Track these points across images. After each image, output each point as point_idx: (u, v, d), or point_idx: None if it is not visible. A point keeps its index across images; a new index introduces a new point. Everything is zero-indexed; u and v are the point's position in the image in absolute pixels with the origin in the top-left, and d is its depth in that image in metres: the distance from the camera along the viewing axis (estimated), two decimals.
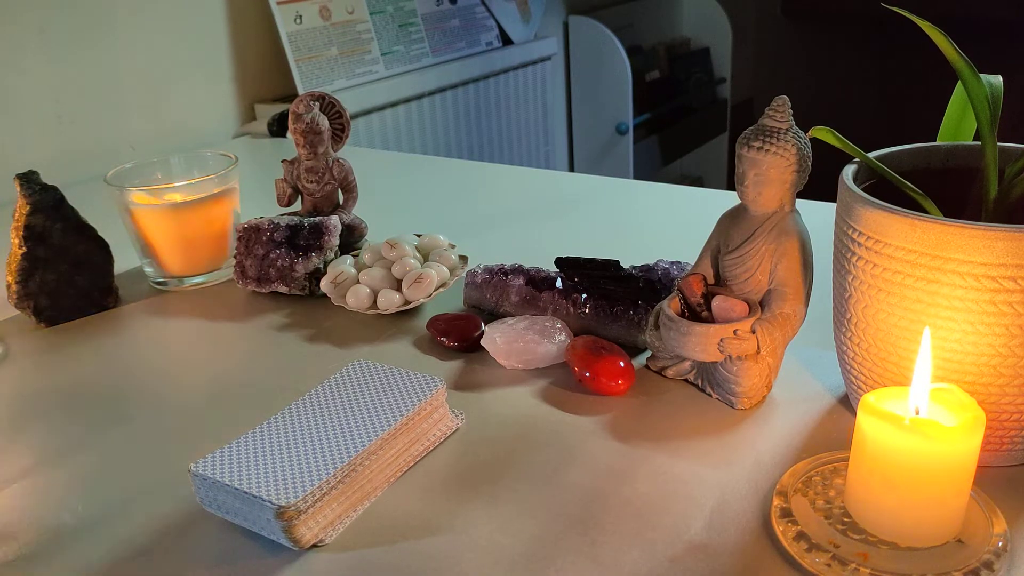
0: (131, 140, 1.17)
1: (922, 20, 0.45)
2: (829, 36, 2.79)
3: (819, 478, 0.44)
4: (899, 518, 0.39)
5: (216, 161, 0.79)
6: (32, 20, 1.05)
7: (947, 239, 0.41)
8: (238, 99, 1.31)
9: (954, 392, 0.40)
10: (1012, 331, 0.41)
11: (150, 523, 0.46)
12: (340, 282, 0.68)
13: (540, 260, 0.67)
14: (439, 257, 0.69)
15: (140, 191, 0.73)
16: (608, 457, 0.49)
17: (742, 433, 0.50)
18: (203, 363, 0.64)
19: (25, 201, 0.68)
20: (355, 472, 0.45)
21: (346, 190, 0.78)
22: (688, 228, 0.65)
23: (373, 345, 0.63)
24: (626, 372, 0.54)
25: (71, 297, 0.70)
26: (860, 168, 0.49)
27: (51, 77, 1.08)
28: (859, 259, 0.45)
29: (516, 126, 1.82)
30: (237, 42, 1.29)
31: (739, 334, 0.51)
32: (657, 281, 0.61)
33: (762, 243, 0.51)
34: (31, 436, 0.55)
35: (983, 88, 0.46)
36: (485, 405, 0.55)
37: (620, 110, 2.00)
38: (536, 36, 1.82)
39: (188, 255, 0.74)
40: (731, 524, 0.43)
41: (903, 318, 0.44)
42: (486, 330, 0.60)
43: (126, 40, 1.15)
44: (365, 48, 1.43)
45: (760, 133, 0.49)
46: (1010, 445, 0.45)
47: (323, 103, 0.78)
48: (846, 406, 0.52)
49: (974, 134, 0.51)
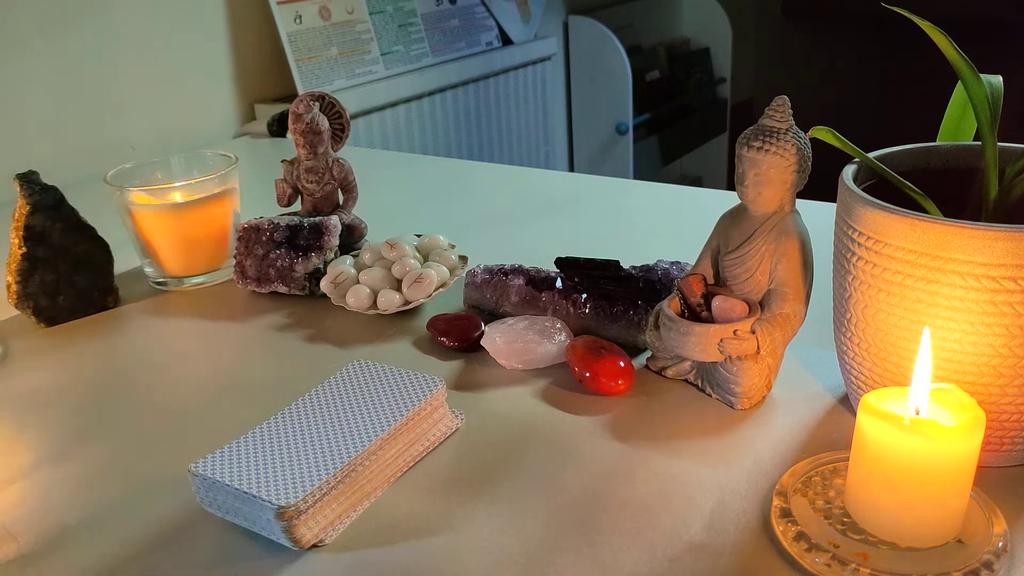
0: (131, 140, 1.17)
1: (922, 20, 0.45)
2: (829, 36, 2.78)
3: (819, 478, 0.44)
4: (899, 518, 0.39)
5: (216, 161, 0.79)
6: (32, 20, 1.05)
7: (947, 239, 0.41)
8: (238, 99, 1.31)
9: (954, 392, 0.40)
10: (1012, 331, 0.41)
11: (150, 523, 0.46)
12: (340, 282, 0.68)
13: (540, 260, 0.66)
14: (439, 257, 0.69)
15: (140, 191, 0.73)
16: (608, 457, 0.49)
17: (742, 433, 0.50)
18: (203, 363, 0.64)
19: (25, 201, 0.68)
20: (355, 472, 0.45)
21: (346, 190, 0.78)
22: (688, 228, 0.65)
23: (373, 345, 0.63)
24: (626, 372, 0.54)
25: (71, 297, 0.70)
26: (860, 168, 0.49)
27: (51, 77, 1.08)
28: (859, 259, 0.45)
29: (516, 126, 1.82)
30: (237, 42, 1.29)
31: (739, 334, 0.51)
32: (657, 281, 0.61)
33: (762, 243, 0.51)
34: (31, 436, 0.55)
35: (983, 88, 0.46)
36: (485, 405, 0.55)
37: (620, 110, 2.00)
38: (536, 36, 1.82)
39: (188, 255, 0.74)
40: (731, 524, 0.43)
41: (903, 318, 0.44)
42: (486, 330, 0.60)
43: (126, 40, 1.15)
44: (365, 48, 1.43)
45: (760, 133, 0.49)
46: (1010, 445, 0.45)
47: (323, 103, 0.78)
48: (846, 406, 0.52)
49: (974, 134, 0.51)
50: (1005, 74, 0.48)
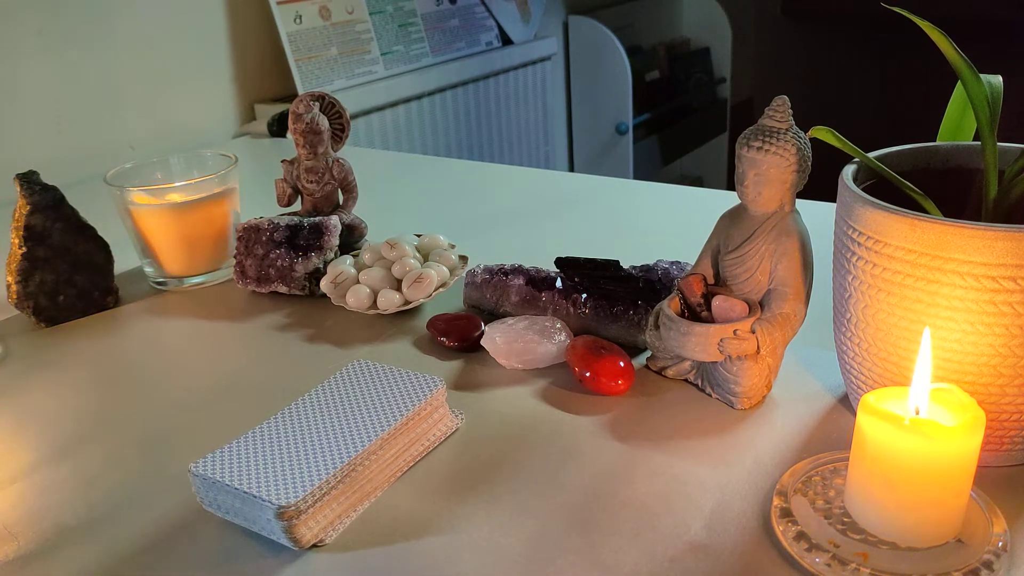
0: (131, 140, 1.18)
1: (922, 20, 0.45)
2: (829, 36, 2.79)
3: (819, 478, 0.44)
4: (899, 518, 0.39)
5: (216, 161, 0.79)
6: (31, 21, 1.05)
7: (947, 239, 0.41)
8: (238, 99, 1.31)
9: (954, 392, 0.40)
10: (1012, 331, 0.41)
11: (150, 523, 0.46)
12: (340, 282, 0.68)
13: (540, 260, 0.67)
14: (439, 257, 0.69)
15: (140, 191, 0.73)
16: (608, 457, 0.49)
17: (742, 433, 0.50)
18: (203, 363, 0.64)
19: (25, 201, 0.68)
20: (355, 472, 0.45)
21: (346, 190, 0.78)
22: (688, 228, 0.65)
23: (373, 345, 0.63)
24: (626, 372, 0.54)
25: (71, 297, 0.70)
26: (860, 168, 0.49)
27: (50, 77, 1.08)
28: (859, 259, 0.45)
29: (516, 126, 1.82)
30: (237, 42, 1.29)
31: (739, 334, 0.51)
32: (657, 281, 0.61)
33: (762, 243, 0.51)
34: (31, 436, 0.55)
35: (983, 88, 0.46)
36: (485, 405, 0.55)
37: (620, 110, 2.00)
38: (536, 36, 1.82)
39: (188, 255, 0.74)
40: (731, 524, 0.43)
41: (903, 318, 0.44)
42: (486, 330, 0.60)
43: (126, 40, 1.15)
44: (365, 48, 1.43)
45: (760, 133, 0.49)
46: (1010, 445, 0.45)
47: (323, 103, 0.78)
48: (846, 406, 0.52)
49: (974, 134, 0.51)
50: (1005, 74, 0.48)
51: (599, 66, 1.99)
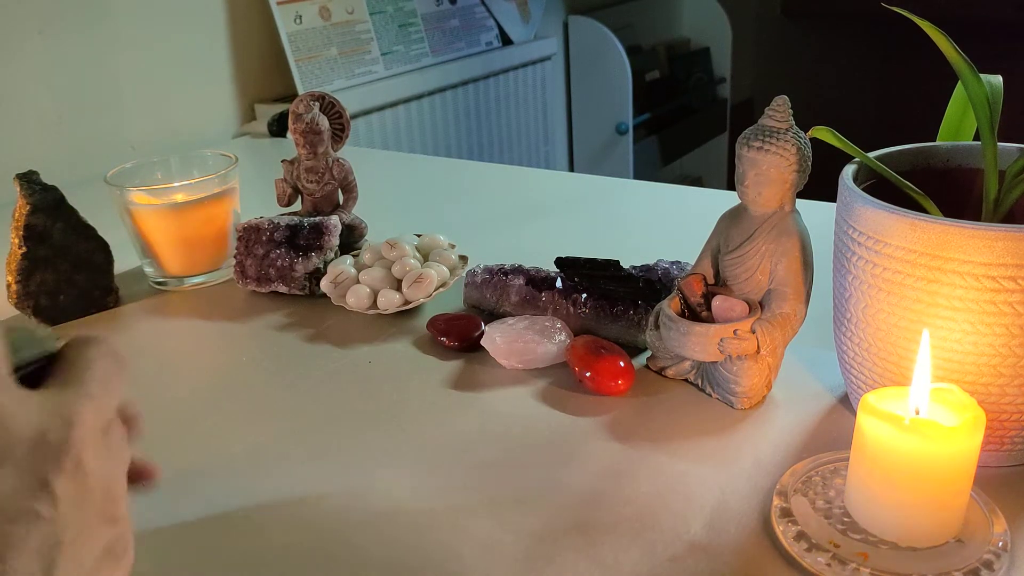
0: (131, 140, 1.17)
1: (922, 20, 0.45)
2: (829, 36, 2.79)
3: (819, 478, 0.44)
4: (899, 518, 0.39)
5: (216, 161, 0.79)
6: (32, 20, 1.05)
7: (947, 239, 0.41)
8: (238, 99, 1.31)
9: (954, 392, 0.40)
10: (1012, 331, 0.41)
11: (149, 522, 0.46)
12: (340, 282, 0.68)
13: (540, 260, 0.66)
14: (439, 257, 0.69)
15: (140, 191, 0.73)
16: (608, 457, 0.49)
17: (742, 433, 0.50)
18: (203, 363, 0.64)
19: (25, 201, 0.68)
20: None
21: (346, 190, 0.78)
22: (688, 228, 0.65)
23: (373, 345, 0.63)
24: (626, 372, 0.54)
25: (71, 297, 0.70)
26: (860, 168, 0.49)
27: (51, 77, 1.08)
28: (859, 259, 0.45)
29: (516, 126, 1.82)
30: (237, 42, 1.29)
31: (739, 334, 0.51)
32: (657, 281, 0.61)
33: (762, 243, 0.51)
34: None
35: (983, 88, 0.46)
36: (485, 405, 0.55)
37: (620, 110, 2.00)
38: (536, 36, 1.82)
39: (188, 255, 0.74)
40: (731, 524, 0.43)
41: (903, 318, 0.44)
42: (486, 330, 0.60)
43: (126, 40, 1.15)
44: (365, 48, 1.43)
45: (760, 133, 0.49)
46: (1010, 445, 0.45)
47: (323, 103, 0.78)
48: (846, 406, 0.52)
49: (974, 134, 0.51)
50: (1005, 74, 0.48)
51: (599, 66, 1.99)
